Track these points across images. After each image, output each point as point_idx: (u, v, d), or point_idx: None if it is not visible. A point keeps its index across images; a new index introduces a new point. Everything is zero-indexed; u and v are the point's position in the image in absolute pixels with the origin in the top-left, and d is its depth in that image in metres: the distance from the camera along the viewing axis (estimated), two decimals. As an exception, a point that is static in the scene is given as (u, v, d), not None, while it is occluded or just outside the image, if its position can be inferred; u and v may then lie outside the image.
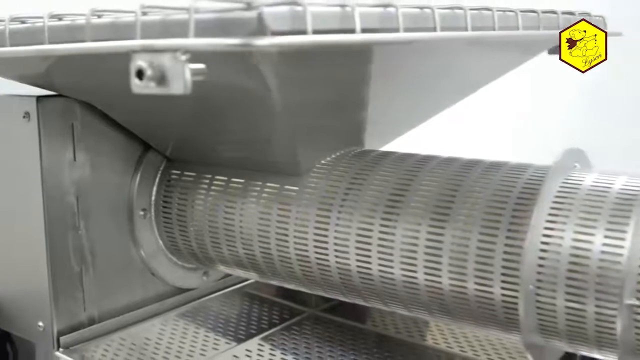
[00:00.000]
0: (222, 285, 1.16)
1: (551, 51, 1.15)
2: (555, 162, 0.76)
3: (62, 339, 0.96)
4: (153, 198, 1.01)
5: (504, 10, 0.86)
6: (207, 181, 0.97)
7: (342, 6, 0.60)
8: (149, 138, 0.99)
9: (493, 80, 1.09)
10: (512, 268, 0.75)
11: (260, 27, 0.55)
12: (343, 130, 0.92)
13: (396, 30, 0.64)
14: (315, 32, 0.56)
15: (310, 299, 1.20)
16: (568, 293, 0.72)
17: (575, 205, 0.73)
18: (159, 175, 1.01)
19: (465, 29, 0.75)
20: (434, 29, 0.69)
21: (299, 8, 0.56)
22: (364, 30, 0.60)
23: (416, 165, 0.86)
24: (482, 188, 0.80)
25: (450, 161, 0.86)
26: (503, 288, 0.76)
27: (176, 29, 0.58)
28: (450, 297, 0.80)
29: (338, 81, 0.80)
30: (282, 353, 1.05)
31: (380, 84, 0.89)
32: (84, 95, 0.93)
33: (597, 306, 0.71)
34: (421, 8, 0.69)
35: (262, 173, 0.92)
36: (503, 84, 1.19)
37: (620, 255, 0.68)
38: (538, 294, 0.73)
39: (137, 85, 0.55)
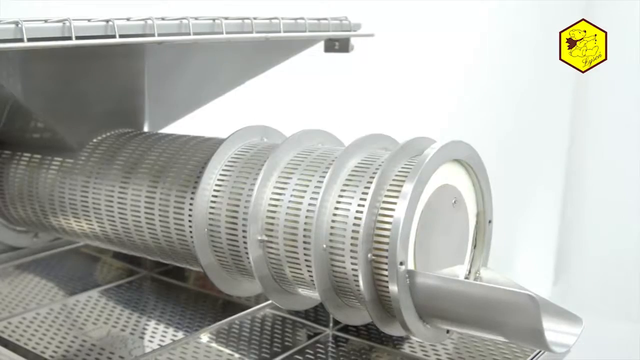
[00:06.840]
0: (63, 243, 1.39)
1: (326, 49, 1.37)
2: (231, 135, 0.99)
3: None
4: (-17, 172, 1.26)
5: (270, 19, 1.07)
6: (18, 157, 1.21)
7: (62, 21, 0.81)
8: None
9: (271, 68, 1.30)
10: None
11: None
12: (111, 115, 1.16)
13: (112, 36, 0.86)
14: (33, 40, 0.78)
15: (146, 262, 1.42)
16: (227, 232, 0.95)
17: (238, 167, 0.96)
18: (-12, 154, 1.26)
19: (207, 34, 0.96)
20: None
21: (19, 25, 0.78)
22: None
23: (153, 141, 1.09)
24: (187, 157, 1.03)
25: (177, 137, 1.09)
26: (190, 231, 0.99)
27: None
28: (164, 241, 1.03)
29: (81, 76, 1.04)
30: (104, 305, 1.25)
31: (131, 79, 1.13)
32: None
33: (244, 242, 0.93)
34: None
35: (52, 149, 1.16)
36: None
37: (249, 201, 0.91)
38: (211, 235, 0.96)
39: None
